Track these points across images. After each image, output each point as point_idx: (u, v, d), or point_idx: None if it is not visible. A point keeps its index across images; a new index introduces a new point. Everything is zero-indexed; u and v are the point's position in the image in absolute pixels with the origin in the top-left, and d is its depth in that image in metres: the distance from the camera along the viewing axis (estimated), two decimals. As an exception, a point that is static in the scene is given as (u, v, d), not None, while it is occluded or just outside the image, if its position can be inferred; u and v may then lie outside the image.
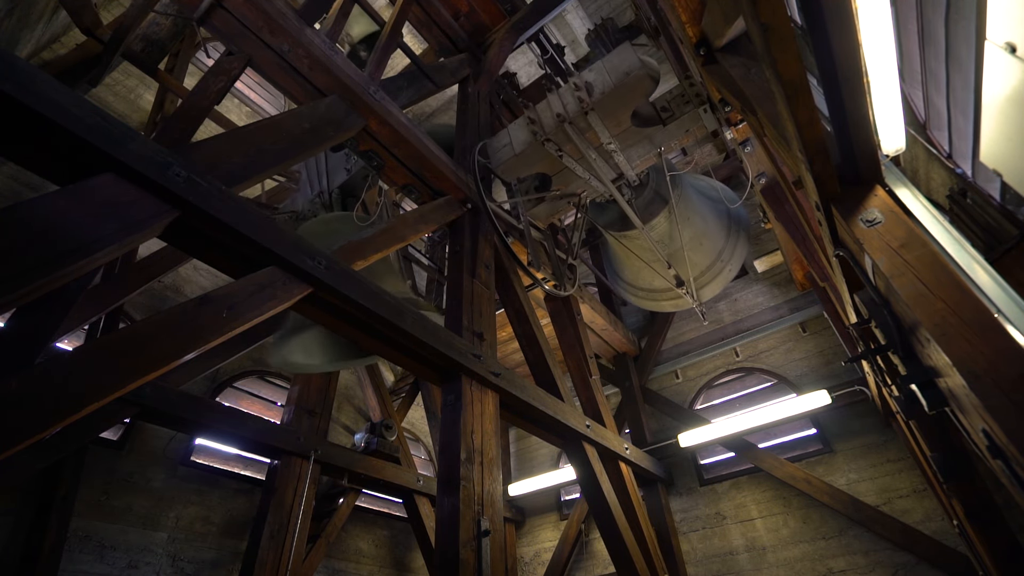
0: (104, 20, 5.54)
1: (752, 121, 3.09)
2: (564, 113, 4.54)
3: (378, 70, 4.17)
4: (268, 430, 4.99)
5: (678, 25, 3.28)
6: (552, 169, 5.04)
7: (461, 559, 2.47)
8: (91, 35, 5.16)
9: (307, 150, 3.13)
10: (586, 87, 4.45)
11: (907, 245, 1.73)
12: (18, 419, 1.53)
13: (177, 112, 2.99)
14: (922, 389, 1.77)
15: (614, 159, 4.76)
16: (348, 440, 7.47)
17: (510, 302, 4.55)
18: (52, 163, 2.02)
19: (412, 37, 9.16)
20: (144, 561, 4.86)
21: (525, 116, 4.75)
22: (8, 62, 1.83)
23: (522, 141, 4.83)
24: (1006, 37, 1.68)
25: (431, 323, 3.12)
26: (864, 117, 1.78)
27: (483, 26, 6.24)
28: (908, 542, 4.91)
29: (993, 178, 2.16)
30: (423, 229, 3.86)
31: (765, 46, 1.56)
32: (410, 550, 7.51)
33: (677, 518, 6.48)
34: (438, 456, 3.93)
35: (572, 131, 4.56)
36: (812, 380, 6.36)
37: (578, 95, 4.44)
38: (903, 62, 2.46)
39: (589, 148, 4.64)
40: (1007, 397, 1.27)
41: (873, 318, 2.08)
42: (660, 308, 6.15)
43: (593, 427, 4.51)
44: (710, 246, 5.59)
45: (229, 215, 2.33)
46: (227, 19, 3.19)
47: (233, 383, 6.43)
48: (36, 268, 1.68)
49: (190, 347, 2.01)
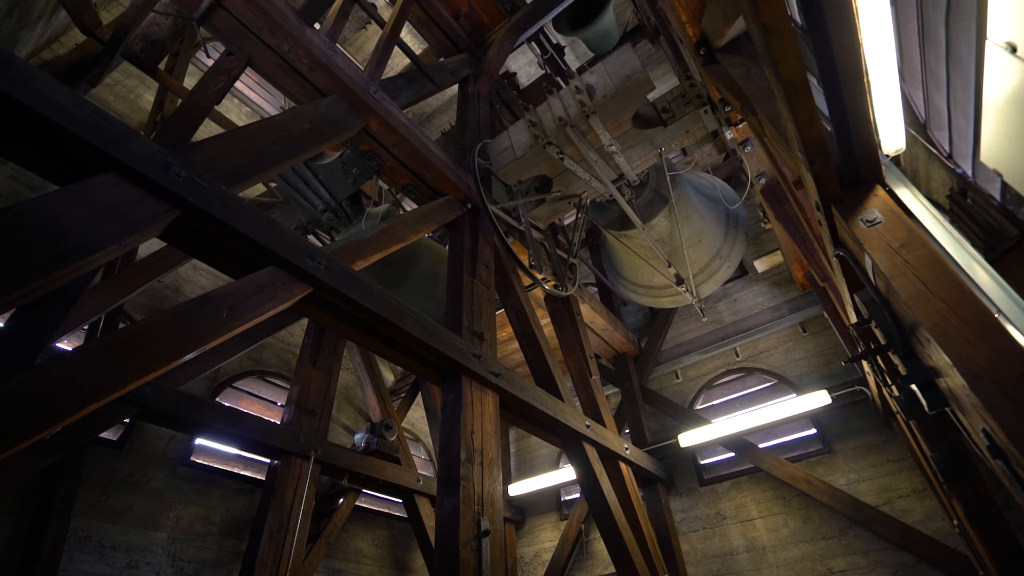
0: (104, 20, 5.54)
1: (752, 121, 3.09)
2: (566, 117, 4.54)
3: (378, 70, 4.17)
4: (268, 430, 4.99)
5: (678, 25, 3.28)
6: (553, 171, 5.04)
7: (461, 559, 2.47)
8: (91, 35, 5.16)
9: (307, 150, 3.13)
10: (587, 90, 4.45)
11: (907, 245, 1.73)
12: (18, 419, 1.53)
13: (177, 112, 2.99)
14: (922, 389, 1.77)
15: (615, 160, 4.76)
16: (348, 440, 7.47)
17: (510, 302, 4.55)
18: (52, 163, 2.02)
19: (412, 37, 9.16)
20: (144, 561, 4.86)
21: (526, 119, 4.75)
22: (8, 62, 1.83)
23: (523, 144, 4.83)
24: (1006, 37, 1.68)
25: (431, 323, 3.12)
26: (864, 117, 1.78)
27: (483, 26, 6.24)
28: (908, 542, 4.91)
29: (993, 178, 2.16)
30: (423, 229, 3.86)
31: (765, 46, 1.56)
32: (410, 550, 7.51)
33: (677, 518, 6.48)
34: (438, 456, 3.93)
35: (574, 134, 4.56)
36: (812, 380, 6.36)
37: (579, 98, 4.44)
38: (903, 62, 2.46)
39: (590, 150, 4.64)
40: (1007, 397, 1.27)
41: (873, 318, 2.08)
42: (660, 304, 6.20)
43: (593, 427, 4.51)
44: (709, 243, 5.62)
45: (229, 215, 2.33)
46: (227, 19, 3.19)
47: (233, 383, 6.43)
48: (36, 268, 1.68)
49: (190, 347, 2.01)
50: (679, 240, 5.36)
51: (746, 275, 7.81)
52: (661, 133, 4.76)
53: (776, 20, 1.49)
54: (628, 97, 4.40)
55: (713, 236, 5.65)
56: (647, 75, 4.26)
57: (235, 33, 3.23)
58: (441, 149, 4.38)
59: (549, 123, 4.66)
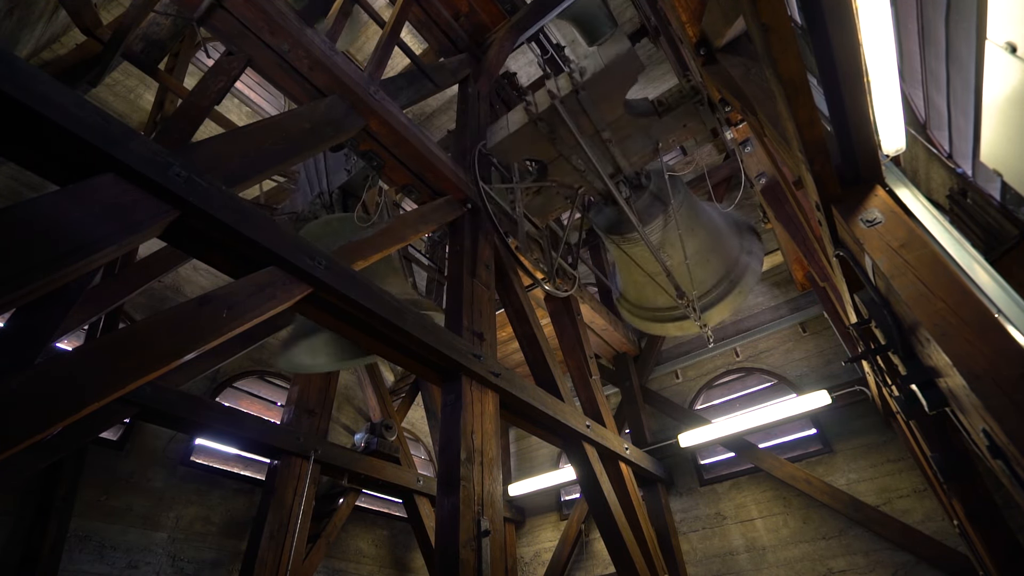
0: (104, 20, 5.53)
1: (752, 121, 3.09)
2: (556, 91, 4.56)
3: (378, 70, 4.16)
4: (268, 430, 4.99)
5: (678, 25, 3.28)
6: (547, 155, 5.00)
7: (461, 559, 2.47)
8: (91, 35, 5.16)
9: (307, 150, 3.13)
10: (579, 71, 4.47)
11: (907, 245, 1.73)
12: (18, 419, 1.53)
13: (177, 112, 2.99)
14: (922, 389, 1.77)
15: (610, 151, 4.74)
16: (348, 440, 7.47)
17: (510, 302, 4.55)
18: (52, 163, 2.02)
19: (412, 37, 9.15)
20: (144, 561, 4.85)
21: (523, 103, 4.79)
22: (8, 62, 1.83)
23: (516, 121, 4.84)
24: (1006, 37, 1.68)
25: (431, 323, 3.12)
26: (864, 117, 1.78)
27: (483, 26, 6.24)
28: (908, 542, 4.91)
29: (993, 178, 2.16)
30: (423, 229, 3.86)
31: (765, 46, 1.56)
32: (410, 550, 7.51)
33: (677, 518, 6.48)
34: (438, 456, 3.93)
35: (563, 111, 4.53)
36: (812, 380, 6.36)
37: (572, 77, 4.47)
38: (903, 62, 2.46)
39: (583, 135, 4.62)
40: (1007, 397, 1.27)
41: (873, 318, 2.08)
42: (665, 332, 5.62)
43: (593, 427, 4.51)
44: (717, 264, 5.15)
45: (229, 215, 2.32)
46: (227, 19, 3.19)
47: (233, 383, 6.43)
48: (36, 268, 1.68)
49: (190, 347, 2.01)
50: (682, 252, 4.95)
51: (746, 275, 7.81)
52: (656, 124, 4.73)
53: (776, 20, 1.49)
54: (617, 75, 4.39)
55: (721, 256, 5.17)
56: (635, 52, 4.28)
57: (235, 33, 3.23)
58: (441, 149, 4.38)
59: (543, 101, 4.69)
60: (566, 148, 4.67)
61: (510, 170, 5.03)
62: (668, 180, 4.97)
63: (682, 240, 4.91)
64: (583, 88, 4.43)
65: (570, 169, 5.00)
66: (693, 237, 5.11)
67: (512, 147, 4.91)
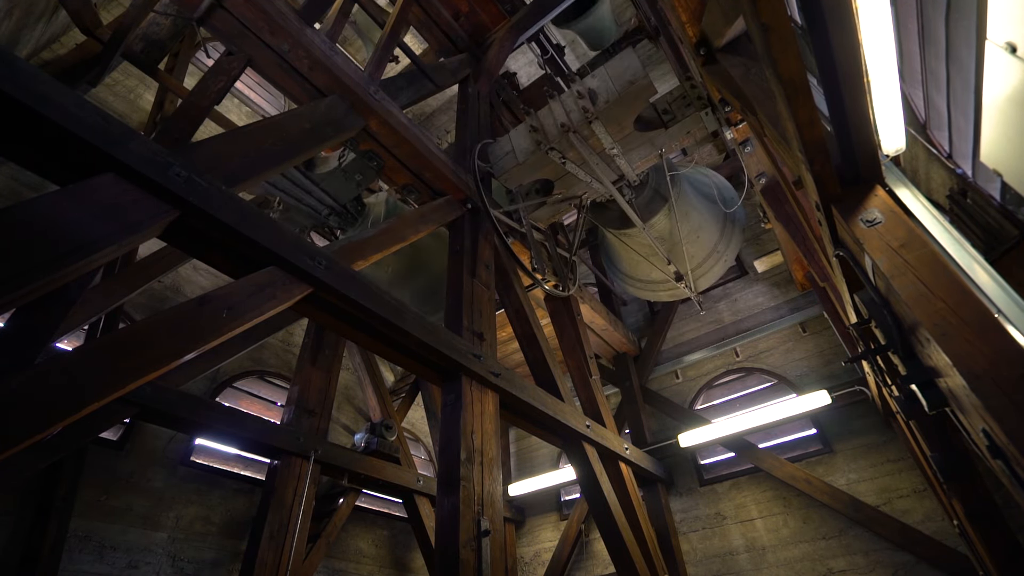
0: (104, 20, 5.54)
1: (752, 121, 3.09)
2: (568, 123, 4.54)
3: (378, 70, 4.17)
4: (268, 430, 4.99)
5: (678, 25, 3.28)
6: (555, 175, 5.05)
7: (461, 559, 2.47)
8: (91, 35, 5.16)
9: (307, 150, 3.13)
10: (589, 95, 4.44)
11: (907, 245, 1.73)
12: (18, 419, 1.53)
13: (177, 112, 3.00)
14: (922, 389, 1.77)
15: (616, 163, 4.76)
16: (348, 440, 7.47)
17: (510, 302, 4.55)
18: (52, 163, 2.02)
19: (412, 37, 9.16)
20: (144, 561, 4.85)
21: (527, 124, 4.75)
22: (8, 62, 1.83)
23: (525, 150, 4.82)
24: (1006, 37, 1.68)
25: (431, 323, 3.12)
26: (864, 117, 1.78)
27: (483, 26, 6.24)
28: (908, 542, 4.91)
29: (993, 178, 2.16)
30: (423, 229, 3.86)
31: (765, 46, 1.56)
32: (410, 550, 7.51)
33: (677, 518, 6.48)
34: (438, 456, 3.93)
35: (576, 139, 4.56)
36: (812, 380, 6.36)
37: (582, 104, 4.43)
38: (903, 62, 2.46)
39: (592, 154, 4.64)
40: (1007, 397, 1.27)
41: (873, 318, 2.08)
42: (657, 298, 6.34)
43: (593, 427, 4.51)
44: (706, 239, 5.72)
45: (229, 215, 2.33)
46: (227, 19, 3.19)
47: (233, 383, 6.43)
48: (36, 268, 1.68)
49: (190, 347, 2.01)
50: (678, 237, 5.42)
51: (746, 275, 7.81)
52: (662, 135, 4.76)
53: (776, 20, 1.49)
54: (631, 102, 4.40)
55: (710, 232, 5.73)
56: (649, 80, 4.25)
57: (235, 33, 3.23)
58: (441, 149, 4.38)
59: (551, 128, 4.64)
60: (574, 167, 4.71)
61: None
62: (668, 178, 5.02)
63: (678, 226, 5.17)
64: (596, 118, 4.44)
65: (576, 181, 5.03)
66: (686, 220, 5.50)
67: (520, 174, 4.95)
